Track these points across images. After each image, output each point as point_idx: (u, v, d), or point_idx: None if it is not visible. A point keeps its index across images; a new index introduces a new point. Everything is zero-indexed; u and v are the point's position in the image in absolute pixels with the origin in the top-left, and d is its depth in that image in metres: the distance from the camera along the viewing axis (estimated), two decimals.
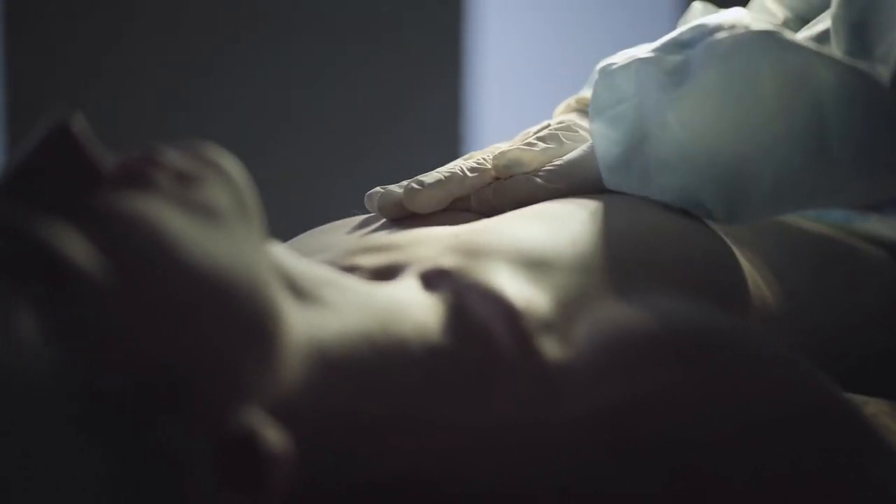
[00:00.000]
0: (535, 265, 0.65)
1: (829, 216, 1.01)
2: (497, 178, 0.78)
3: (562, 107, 0.88)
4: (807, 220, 0.94)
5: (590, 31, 2.34)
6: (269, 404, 0.53)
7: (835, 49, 0.71)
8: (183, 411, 0.50)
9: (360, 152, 2.28)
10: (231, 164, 0.57)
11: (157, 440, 0.50)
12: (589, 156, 0.77)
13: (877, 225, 0.96)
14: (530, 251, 0.66)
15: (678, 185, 0.74)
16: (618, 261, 0.67)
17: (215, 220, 0.54)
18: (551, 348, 0.61)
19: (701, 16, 0.87)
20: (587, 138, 0.80)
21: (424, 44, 2.39)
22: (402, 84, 2.37)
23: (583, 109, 0.85)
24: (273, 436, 0.51)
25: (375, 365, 0.58)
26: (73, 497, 0.49)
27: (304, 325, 0.56)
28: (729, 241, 0.75)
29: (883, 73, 0.69)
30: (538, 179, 0.77)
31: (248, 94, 2.31)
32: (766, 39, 0.71)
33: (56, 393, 0.48)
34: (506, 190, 0.77)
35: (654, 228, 0.71)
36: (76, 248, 0.50)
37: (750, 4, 0.90)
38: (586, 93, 0.86)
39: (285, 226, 0.80)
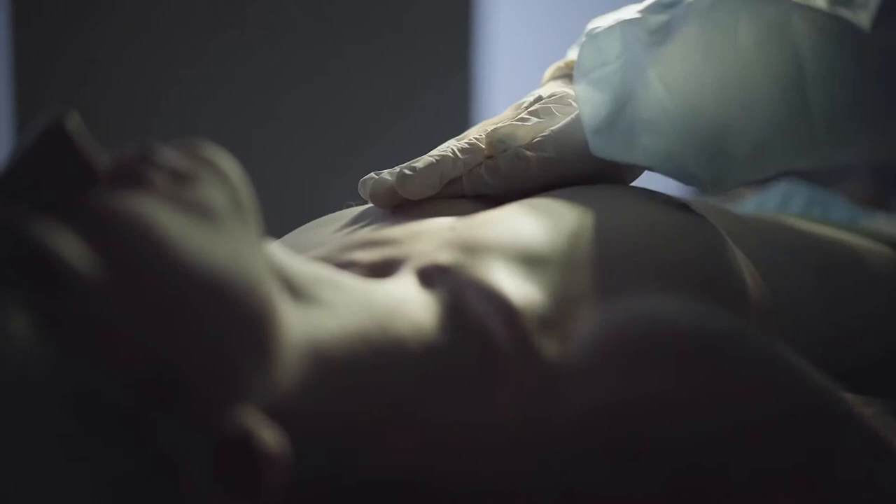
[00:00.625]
0: (532, 261, 0.65)
1: (833, 216, 1.01)
2: (489, 157, 0.77)
3: (551, 70, 0.87)
4: (810, 220, 0.94)
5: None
6: (266, 404, 0.53)
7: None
8: (178, 411, 0.50)
9: (368, 150, 2.27)
10: (227, 163, 0.56)
11: (153, 440, 0.50)
12: (577, 123, 0.76)
13: (882, 224, 0.95)
14: (528, 247, 0.66)
15: (662, 146, 0.74)
16: (617, 259, 0.67)
17: (211, 220, 0.54)
18: (549, 347, 0.60)
19: None
20: (576, 103, 0.79)
21: (433, 40, 2.38)
22: (411, 81, 2.36)
23: (572, 74, 0.84)
24: (269, 436, 0.51)
25: (373, 364, 0.57)
26: (69, 497, 0.49)
27: (301, 325, 0.56)
28: (730, 240, 0.75)
29: (863, 18, 0.69)
30: (528, 152, 0.76)
31: (250, 91, 2.31)
32: None
33: (50, 392, 0.48)
34: (498, 166, 0.76)
35: (654, 226, 0.71)
36: (70, 247, 0.50)
37: None
38: (574, 55, 0.86)
39: (290, 225, 0.80)
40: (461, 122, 2.31)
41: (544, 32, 2.34)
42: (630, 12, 0.76)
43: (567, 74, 0.85)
